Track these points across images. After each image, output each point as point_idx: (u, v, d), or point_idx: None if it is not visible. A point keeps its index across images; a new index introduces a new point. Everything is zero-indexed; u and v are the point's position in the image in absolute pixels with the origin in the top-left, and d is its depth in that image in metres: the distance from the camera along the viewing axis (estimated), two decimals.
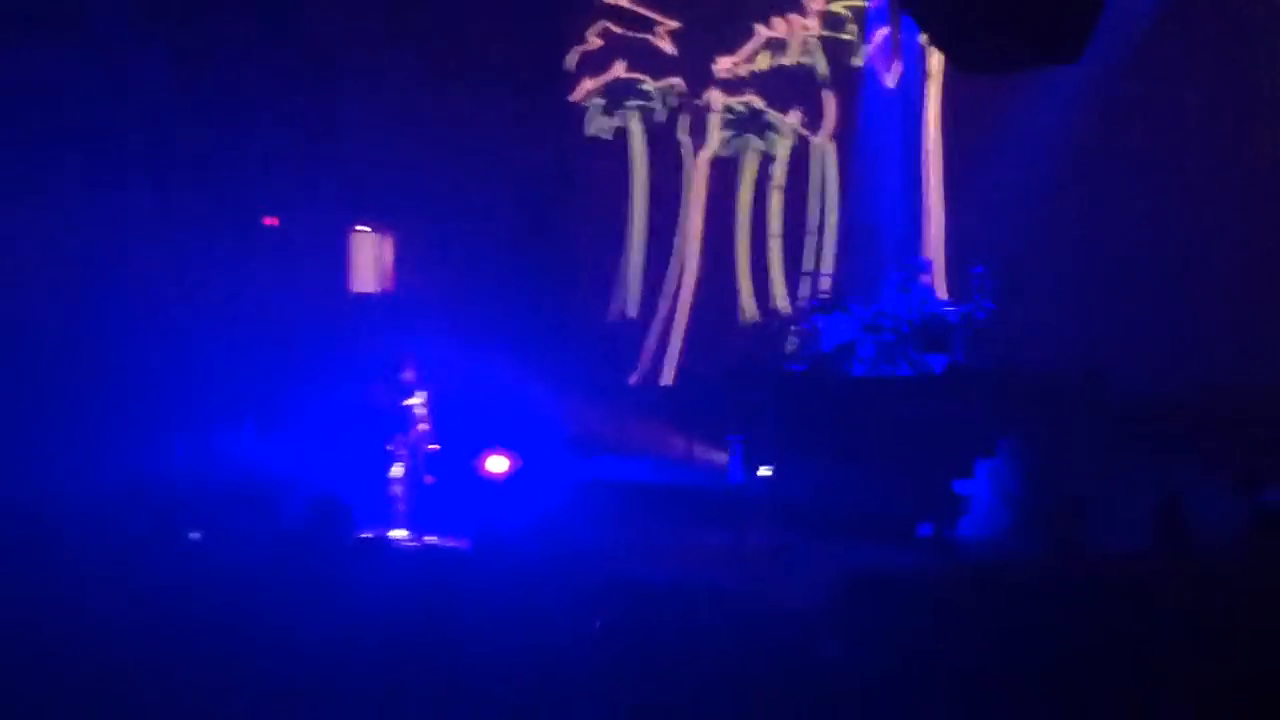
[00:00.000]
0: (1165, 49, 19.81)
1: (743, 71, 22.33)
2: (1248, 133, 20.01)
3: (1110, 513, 13.49)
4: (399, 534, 15.59)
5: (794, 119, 22.42)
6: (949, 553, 14.84)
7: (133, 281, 19.03)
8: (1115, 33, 18.34)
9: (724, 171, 22.68)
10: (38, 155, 18.16)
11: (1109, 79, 19.27)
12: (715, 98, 22.34)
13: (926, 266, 20.09)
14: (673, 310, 22.44)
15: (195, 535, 12.60)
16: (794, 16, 22.36)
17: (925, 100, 22.10)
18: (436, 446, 16.24)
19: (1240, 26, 20.05)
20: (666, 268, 22.58)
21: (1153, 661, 9.55)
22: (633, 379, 22.19)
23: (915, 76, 22.13)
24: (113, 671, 9.62)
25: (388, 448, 15.91)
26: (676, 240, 22.60)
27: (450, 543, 15.09)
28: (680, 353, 22.26)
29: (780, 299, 22.47)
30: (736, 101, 22.36)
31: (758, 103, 22.36)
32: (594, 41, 22.40)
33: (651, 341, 22.37)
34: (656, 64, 22.45)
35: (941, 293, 20.68)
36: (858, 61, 22.43)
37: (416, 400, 16.16)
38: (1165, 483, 13.72)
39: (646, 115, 22.58)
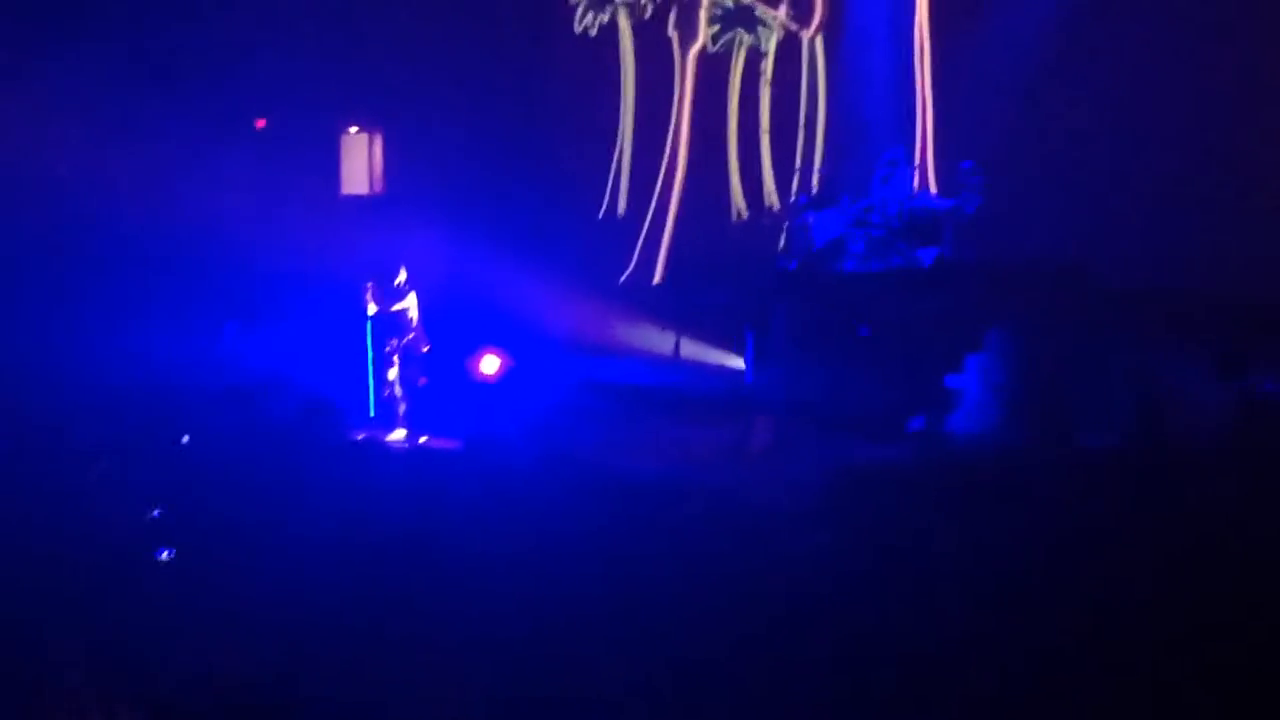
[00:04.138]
0: None
1: None
2: (1244, 31, 19.69)
3: (1095, 403, 13.58)
4: (397, 435, 15.68)
5: (783, 13, 22.23)
6: (939, 446, 14.95)
7: (121, 184, 18.96)
8: None
9: (713, 67, 22.51)
10: (18, 62, 18.04)
11: None
12: None
13: (904, 157, 20.02)
14: (663, 208, 22.38)
15: (184, 438, 12.75)
16: None
17: None
18: (428, 348, 16.29)
19: None
20: (657, 165, 22.48)
21: (1139, 552, 9.70)
22: (623, 278, 22.16)
23: None
24: (107, 567, 9.79)
25: (383, 350, 15.96)
26: (667, 137, 22.49)
27: (443, 443, 15.20)
28: (670, 250, 22.21)
29: (771, 195, 22.39)
30: None
31: None
32: None
33: (642, 239, 22.32)
34: None
35: (931, 187, 20.64)
36: None
37: (408, 302, 16.19)
38: (1149, 372, 13.84)
39: (634, 11, 22.38)
